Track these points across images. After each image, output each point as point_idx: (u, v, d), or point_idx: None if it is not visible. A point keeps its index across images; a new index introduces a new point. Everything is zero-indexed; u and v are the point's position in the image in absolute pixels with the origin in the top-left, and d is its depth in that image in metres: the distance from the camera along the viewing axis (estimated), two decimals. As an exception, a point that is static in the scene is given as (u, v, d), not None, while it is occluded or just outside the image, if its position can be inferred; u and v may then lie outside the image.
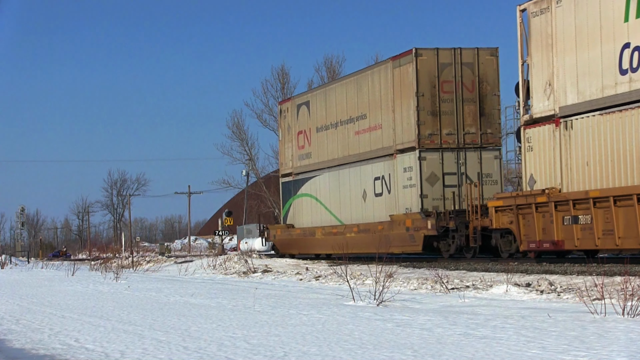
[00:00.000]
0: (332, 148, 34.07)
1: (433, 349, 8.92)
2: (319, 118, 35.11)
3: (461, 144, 28.35)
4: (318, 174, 35.18)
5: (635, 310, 11.40)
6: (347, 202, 32.75)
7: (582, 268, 20.28)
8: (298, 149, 36.98)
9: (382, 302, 14.36)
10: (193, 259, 43.00)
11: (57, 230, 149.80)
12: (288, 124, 38.02)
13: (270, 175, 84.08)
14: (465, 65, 28.47)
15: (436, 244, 28.00)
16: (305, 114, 36.51)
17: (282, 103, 40.14)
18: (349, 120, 32.76)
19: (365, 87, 31.57)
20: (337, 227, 33.06)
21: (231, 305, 15.12)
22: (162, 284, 24.03)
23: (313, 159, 35.61)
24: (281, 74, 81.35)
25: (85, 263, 49.49)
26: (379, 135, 30.54)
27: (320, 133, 34.96)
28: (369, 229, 30.78)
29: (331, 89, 34.90)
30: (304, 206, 36.51)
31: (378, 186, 30.67)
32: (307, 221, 35.93)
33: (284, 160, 38.84)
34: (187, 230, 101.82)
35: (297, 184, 37.06)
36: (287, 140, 38.19)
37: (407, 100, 28.57)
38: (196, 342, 9.93)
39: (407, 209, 28.59)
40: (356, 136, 32.23)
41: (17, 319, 13.93)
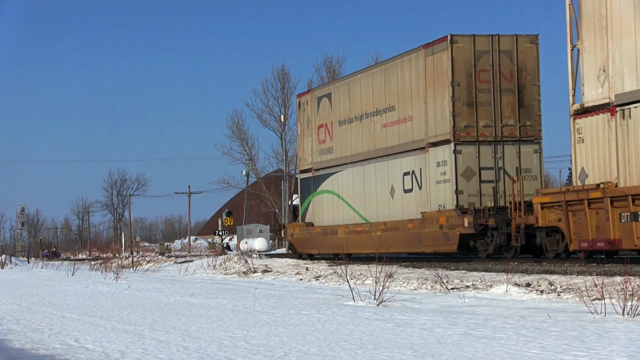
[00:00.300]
0: (356, 142, 32.45)
1: (433, 349, 8.92)
2: (342, 111, 33.44)
3: (499, 136, 26.88)
4: (340, 169, 33.61)
5: (635, 310, 11.40)
6: (372, 199, 31.19)
7: (582, 268, 20.28)
8: (318, 143, 35.32)
9: (382, 302, 14.36)
10: (193, 259, 43.00)
11: (57, 230, 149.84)
12: (307, 118, 36.25)
13: (270, 175, 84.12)
14: (503, 53, 26.97)
15: (472, 243, 26.50)
16: (326, 106, 34.81)
17: (301, 96, 38.03)
18: (375, 112, 31.08)
19: (394, 77, 29.91)
20: (362, 225, 31.47)
21: (231, 305, 15.12)
22: (162, 284, 24.03)
23: (335, 153, 33.99)
24: (281, 74, 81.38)
25: (85, 263, 49.49)
26: (409, 128, 28.99)
27: (343, 126, 33.36)
28: (397, 227, 29.25)
29: (355, 80, 32.95)
30: (324, 203, 34.89)
31: (408, 182, 29.15)
32: (328, 219, 34.33)
33: (303, 156, 37.04)
34: (187, 230, 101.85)
35: (317, 180, 35.47)
36: (307, 134, 36.46)
37: (441, 90, 27.09)
38: (196, 342, 9.93)
39: (440, 205, 27.12)
40: (383, 129, 30.56)
41: (17, 319, 13.93)
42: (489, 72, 26.78)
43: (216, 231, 52.96)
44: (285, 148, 79.61)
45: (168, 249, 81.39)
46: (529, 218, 24.24)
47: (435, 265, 25.86)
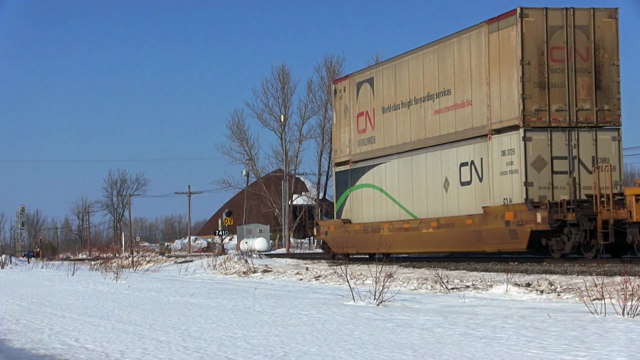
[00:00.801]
0: (402, 131, 29.69)
1: (433, 349, 8.92)
2: (386, 97, 30.59)
3: (573, 122, 24.22)
4: (384, 161, 30.85)
5: (635, 310, 11.40)
6: (422, 193, 28.54)
7: (582, 268, 20.28)
8: (358, 133, 32.50)
9: (382, 302, 14.36)
10: (193, 259, 43.02)
11: (57, 230, 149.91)
12: (345, 105, 33.39)
13: (270, 175, 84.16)
14: (578, 29, 24.33)
15: (545, 241, 23.99)
16: (367, 92, 31.89)
17: (338, 82, 35.01)
18: (426, 97, 28.33)
19: (450, 58, 27.10)
20: (410, 221, 28.75)
21: (231, 305, 15.12)
22: (162, 284, 24.03)
23: (377, 144, 31.22)
24: (281, 74, 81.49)
25: (85, 263, 49.50)
26: (468, 114, 26.26)
27: (388, 114, 30.52)
28: (452, 223, 26.53)
29: (402, 63, 29.95)
30: (364, 198, 32.12)
31: (465, 173, 26.42)
32: (369, 215, 31.65)
33: (339, 147, 34.19)
34: (187, 230, 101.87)
35: (356, 173, 32.72)
36: (344, 124, 33.62)
37: (508, 70, 24.46)
38: (196, 342, 9.93)
39: (505, 199, 24.51)
40: (436, 116, 27.85)
41: (17, 319, 13.93)
42: (562, 50, 24.30)
43: (216, 231, 52.95)
44: (285, 148, 79.67)
45: (168, 249, 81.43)
46: (619, 212, 21.88)
47: (435, 265, 25.83)
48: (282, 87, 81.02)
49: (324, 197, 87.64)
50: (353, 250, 32.37)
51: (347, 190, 33.36)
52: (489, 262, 25.50)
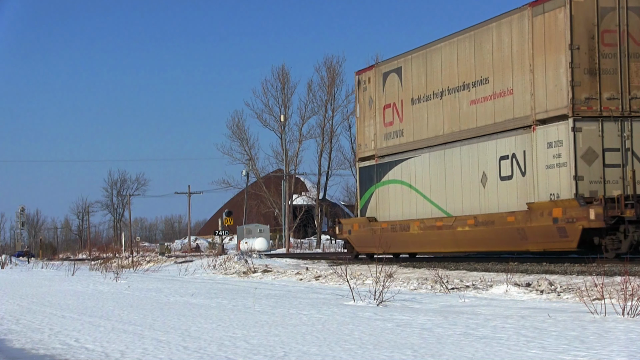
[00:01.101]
0: (434, 123, 27.93)
1: (433, 349, 8.92)
2: (416, 87, 28.83)
3: (626, 111, 22.59)
4: (413, 155, 29.07)
5: (635, 310, 11.40)
6: (456, 189, 26.81)
7: (582, 268, 20.27)
8: (384, 126, 30.69)
9: (382, 302, 14.36)
10: (193, 259, 43.01)
11: (57, 230, 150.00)
12: (370, 97, 31.54)
13: (270, 175, 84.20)
14: (632, 11, 22.76)
15: (598, 240, 22.39)
16: (394, 83, 30.08)
17: (362, 72, 32.77)
18: (461, 87, 26.58)
19: (488, 44, 25.44)
20: (443, 219, 27.09)
21: (231, 305, 15.12)
22: (162, 283, 24.02)
23: (406, 137, 29.45)
24: (281, 74, 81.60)
25: (85, 263, 49.50)
26: (509, 103, 24.59)
27: (417, 105, 28.73)
28: (492, 221, 24.85)
29: (434, 50, 28.19)
30: (391, 195, 30.33)
31: (506, 167, 24.75)
32: (397, 213, 29.85)
33: (363, 141, 32.25)
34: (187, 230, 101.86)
35: (382, 168, 30.89)
36: (368, 116, 31.77)
37: (555, 56, 22.85)
38: (196, 342, 9.93)
39: (552, 194, 22.87)
40: (472, 106, 26.14)
41: (17, 319, 13.93)
42: (614, 34, 22.72)
43: (216, 231, 52.99)
44: (285, 148, 79.72)
45: (168, 249, 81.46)
46: None
47: (435, 265, 25.79)
48: (282, 87, 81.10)
49: (324, 197, 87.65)
50: (379, 250, 30.01)
51: (372, 187, 31.57)
52: (489, 262, 25.48)
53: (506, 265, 22.16)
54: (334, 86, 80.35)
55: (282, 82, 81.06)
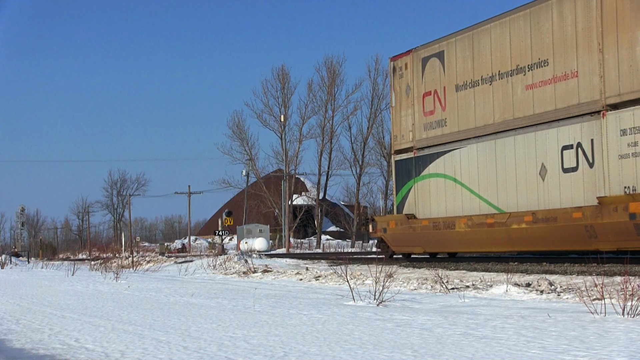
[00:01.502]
0: (483, 111, 25.94)
1: (433, 349, 8.92)
2: (461, 72, 26.82)
3: None
4: (458, 146, 27.05)
5: (635, 310, 11.40)
6: (510, 183, 24.80)
7: (582, 268, 20.27)
8: (424, 115, 28.63)
9: (382, 302, 14.36)
10: (193, 259, 43.01)
11: (57, 230, 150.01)
12: (407, 85, 29.49)
13: (270, 175, 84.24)
14: None
15: None
16: (436, 68, 28.13)
17: (397, 58, 30.46)
18: (515, 70, 24.59)
19: (547, 22, 23.37)
20: (495, 216, 25.02)
21: (231, 305, 15.12)
22: (162, 283, 24.02)
23: (449, 127, 27.40)
24: (281, 74, 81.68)
25: (85, 263, 49.51)
26: (572, 87, 22.53)
27: (463, 92, 26.71)
28: (554, 217, 22.72)
29: (482, 32, 26.02)
30: (432, 190, 28.33)
31: (569, 158, 22.66)
32: (439, 209, 27.88)
33: (400, 132, 30.08)
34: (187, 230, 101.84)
35: (422, 161, 28.87)
36: (405, 105, 29.69)
37: (630, 33, 20.84)
38: (196, 342, 9.93)
39: (627, 187, 20.86)
40: (528, 91, 24.09)
41: (17, 319, 13.92)
42: None
43: (216, 231, 52.98)
44: (285, 148, 79.75)
45: (168, 249, 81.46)
46: None
47: (435, 265, 25.79)
48: (282, 87, 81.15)
49: (324, 197, 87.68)
50: (419, 249, 29.18)
51: (410, 182, 29.48)
52: (489, 262, 25.47)
53: (506, 265, 22.17)
54: (334, 86, 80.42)
55: (282, 82, 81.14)
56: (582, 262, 22.30)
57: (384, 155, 78.57)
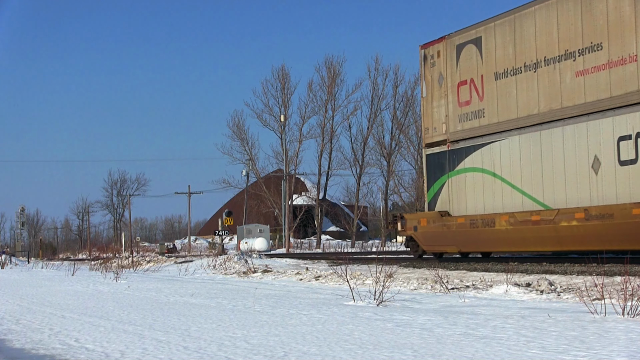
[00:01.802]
0: (526, 100, 24.25)
1: (433, 349, 8.92)
2: (501, 59, 25.18)
3: None
4: (497, 138, 25.31)
5: (635, 310, 11.40)
6: (558, 177, 23.12)
7: (582, 268, 20.25)
8: (459, 106, 26.92)
9: (382, 302, 14.36)
10: (193, 259, 43.02)
11: (57, 230, 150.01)
12: (439, 74, 27.85)
13: (270, 175, 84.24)
14: None
15: None
16: (472, 55, 26.42)
17: (428, 45, 28.68)
18: (563, 56, 22.92)
19: (601, 3, 21.84)
20: (541, 212, 23.32)
21: (231, 305, 15.12)
22: (162, 283, 24.02)
23: (487, 118, 25.67)
24: (281, 74, 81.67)
25: (85, 263, 49.50)
26: (631, 73, 20.93)
27: (503, 80, 25.05)
28: (610, 213, 21.10)
29: (525, 15, 24.34)
30: (468, 185, 26.62)
31: (627, 149, 21.10)
32: (476, 206, 26.18)
33: (431, 125, 28.28)
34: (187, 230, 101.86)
35: (457, 155, 27.14)
36: (437, 96, 27.95)
37: None
38: (196, 342, 9.93)
39: None
40: (578, 78, 22.46)
41: (17, 319, 13.92)
42: None
43: (216, 231, 52.98)
44: (285, 148, 79.75)
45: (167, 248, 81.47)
46: None
47: (435, 265, 25.76)
48: (282, 87, 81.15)
49: (324, 197, 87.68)
50: (454, 248, 27.43)
51: (443, 177, 27.77)
52: (489, 262, 25.46)
53: (506, 265, 22.17)
54: (334, 86, 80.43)
55: (282, 82, 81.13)
56: (582, 262, 22.28)
57: (383, 155, 78.58)
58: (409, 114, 78.20)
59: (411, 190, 77.53)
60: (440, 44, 27.93)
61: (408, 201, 78.59)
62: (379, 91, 79.60)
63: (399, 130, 78.17)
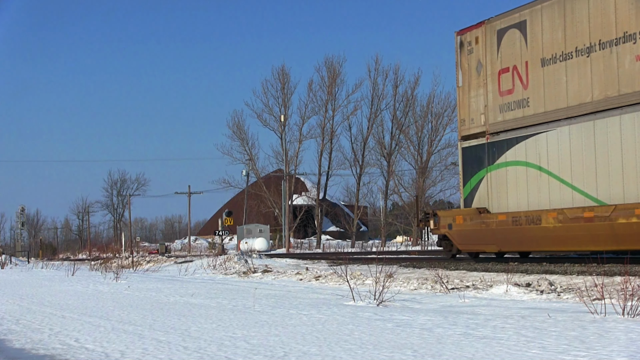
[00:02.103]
0: (577, 87, 22.65)
1: (433, 349, 8.92)
2: (548, 44, 23.48)
3: None
4: (544, 129, 23.67)
5: (635, 310, 11.40)
6: (614, 170, 21.57)
7: (582, 268, 20.26)
8: (499, 95, 25.38)
9: (382, 302, 14.36)
10: (193, 259, 43.01)
11: (57, 230, 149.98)
12: (477, 61, 26.30)
13: (270, 175, 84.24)
14: None
15: None
16: (515, 41, 24.79)
17: (465, 31, 27.03)
18: (621, 38, 21.34)
19: None
20: (595, 209, 21.71)
21: (231, 305, 15.12)
22: (162, 284, 24.02)
23: (533, 107, 24.03)
24: (281, 74, 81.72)
25: (85, 263, 49.48)
26: None
27: (551, 67, 23.38)
28: None
29: None
30: (510, 180, 25.04)
31: None
32: (519, 202, 24.61)
33: (468, 116, 26.76)
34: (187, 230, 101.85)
35: (497, 147, 25.55)
36: (475, 85, 26.39)
37: None
38: (196, 342, 9.93)
39: None
40: (639, 62, 20.99)
41: (17, 319, 13.92)
42: None
43: (216, 231, 52.98)
44: (285, 148, 79.77)
45: (168, 249, 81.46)
46: None
47: (435, 265, 25.76)
48: (282, 87, 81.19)
49: (324, 197, 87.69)
50: (492, 247, 25.89)
51: (482, 171, 26.25)
52: (489, 262, 25.47)
53: (506, 265, 22.17)
54: (334, 86, 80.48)
55: (282, 82, 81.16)
56: (582, 262, 22.29)
57: (383, 155, 78.59)
58: (409, 114, 78.28)
59: (411, 190, 77.56)
60: (479, 29, 26.27)
61: (408, 201, 78.58)
62: (379, 91, 79.68)
63: (399, 130, 78.22)
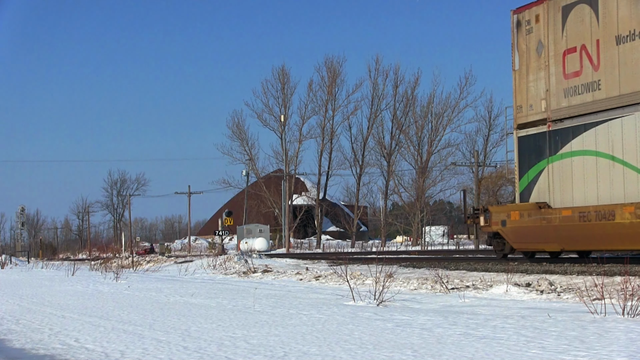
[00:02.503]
0: None
1: (433, 349, 8.92)
2: (625, 19, 21.18)
3: None
4: (618, 114, 21.41)
5: (635, 310, 11.40)
6: None
7: (582, 268, 20.26)
8: (564, 78, 23.05)
9: (382, 302, 14.36)
10: (193, 259, 43.01)
11: (57, 230, 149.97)
12: (538, 41, 23.97)
13: (270, 175, 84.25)
14: None
15: None
16: (584, 18, 22.45)
17: (523, 9, 24.77)
18: None
19: None
20: None
21: (231, 305, 15.12)
22: (162, 284, 24.02)
23: (605, 90, 21.71)
24: (281, 74, 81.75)
25: (85, 263, 49.48)
26: None
27: (627, 45, 21.04)
28: None
29: None
30: (576, 171, 22.79)
31: None
32: (587, 196, 22.38)
33: (526, 102, 24.51)
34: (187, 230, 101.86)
35: (561, 135, 23.29)
36: (535, 67, 24.12)
37: None
38: (196, 342, 9.93)
39: None
40: None
41: (17, 319, 13.92)
42: None
43: (216, 231, 52.97)
44: (285, 148, 79.78)
45: (168, 249, 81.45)
46: None
47: (435, 265, 25.75)
48: (282, 87, 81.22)
49: (324, 197, 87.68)
50: (553, 246, 23.73)
51: (541, 162, 24.03)
52: (489, 262, 25.48)
53: (506, 265, 22.17)
54: (335, 86, 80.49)
55: (282, 82, 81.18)
56: (582, 262, 22.29)
57: (383, 155, 78.60)
58: (409, 114, 78.28)
59: (411, 190, 77.54)
60: (540, 6, 24.02)
61: (408, 201, 78.58)
62: (379, 91, 79.70)
63: (399, 130, 78.23)
